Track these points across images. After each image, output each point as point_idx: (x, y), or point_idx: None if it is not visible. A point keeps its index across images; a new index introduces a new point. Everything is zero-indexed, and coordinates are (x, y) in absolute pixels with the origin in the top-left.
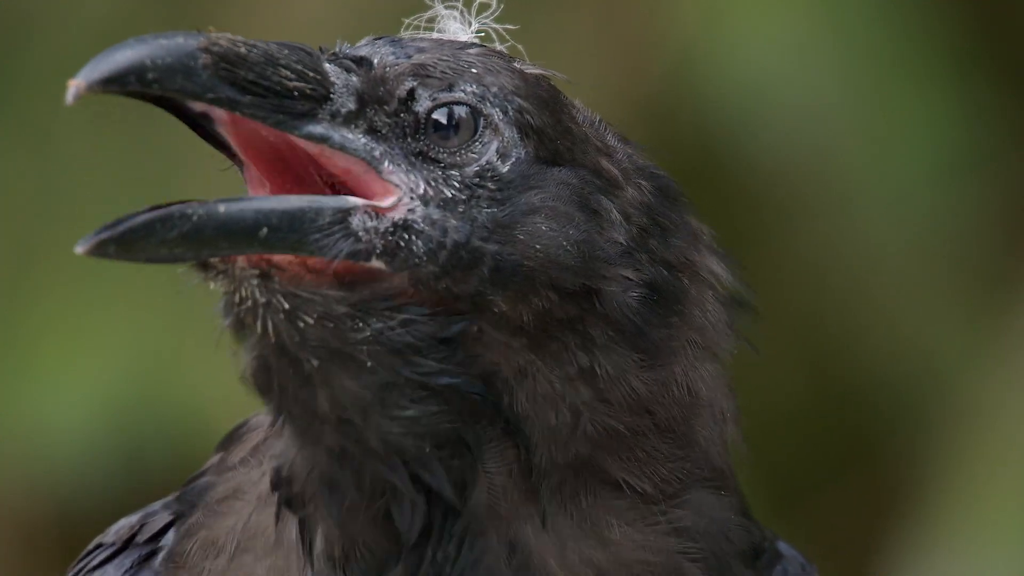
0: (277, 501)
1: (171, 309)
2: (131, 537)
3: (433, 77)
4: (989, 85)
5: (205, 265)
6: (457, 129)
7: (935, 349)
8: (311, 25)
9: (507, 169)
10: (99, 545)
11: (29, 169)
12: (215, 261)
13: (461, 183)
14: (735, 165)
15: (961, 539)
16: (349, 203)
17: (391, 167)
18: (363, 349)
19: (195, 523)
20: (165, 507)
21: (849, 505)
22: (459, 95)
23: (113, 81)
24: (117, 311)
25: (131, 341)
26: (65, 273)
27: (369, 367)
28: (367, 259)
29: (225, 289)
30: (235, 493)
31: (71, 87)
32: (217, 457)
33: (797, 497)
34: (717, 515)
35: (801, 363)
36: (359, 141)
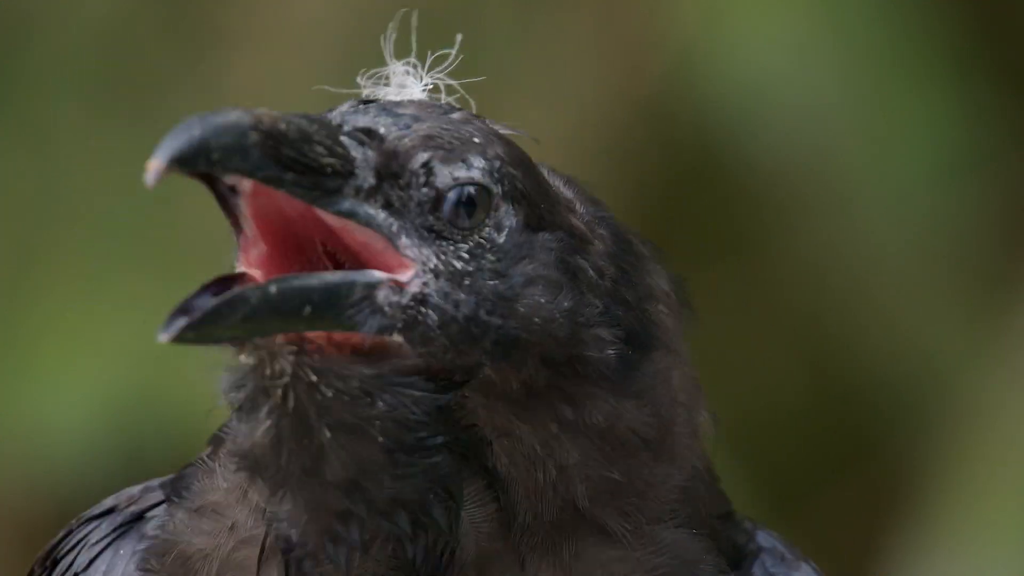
0: (283, 560)
1: (171, 309)
2: (128, 505)
3: (442, 149)
4: (989, 85)
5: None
6: (469, 206)
7: (935, 349)
8: (311, 25)
9: (503, 240)
10: (100, 504)
11: (29, 169)
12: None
13: (468, 255)
14: (735, 165)
15: (961, 539)
16: (375, 278)
17: (407, 241)
18: (375, 424)
19: (173, 530)
20: (161, 486)
21: (849, 505)
22: (474, 174)
23: (184, 163)
24: (117, 311)
25: (131, 341)
26: (65, 273)
27: (380, 441)
28: (390, 333)
29: (255, 362)
30: (213, 508)
31: (151, 170)
32: (207, 451)
33: (797, 497)
34: (691, 557)
35: (801, 363)
36: (380, 216)
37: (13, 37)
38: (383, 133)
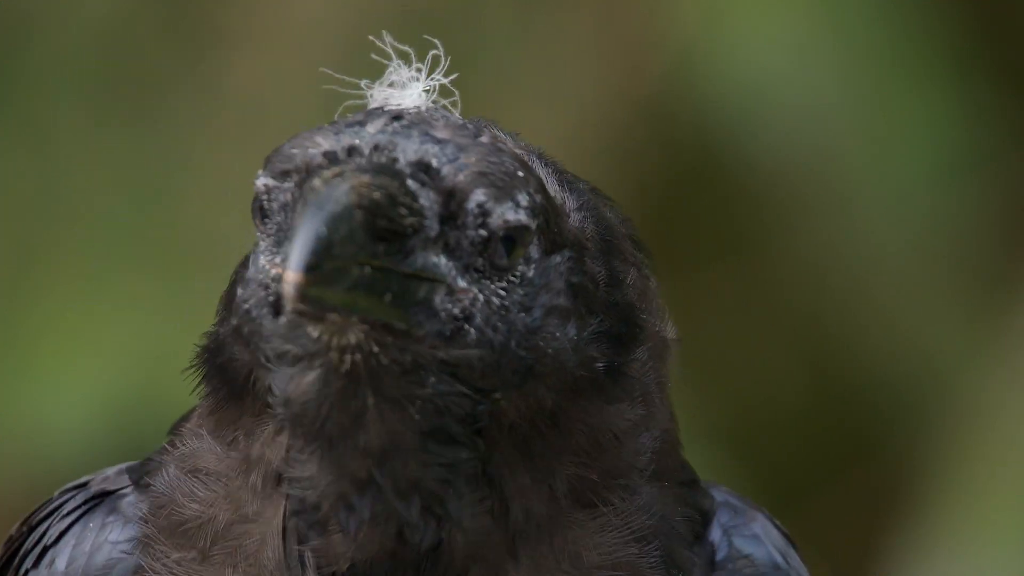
0: (292, 524)
1: (171, 309)
2: (102, 482)
3: (494, 187)
4: (989, 85)
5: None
6: (509, 245)
7: (935, 349)
8: (311, 25)
9: (532, 273)
10: (78, 480)
11: (29, 169)
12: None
13: (504, 292)
14: (735, 165)
15: (961, 539)
16: (438, 274)
17: (462, 284)
18: (417, 403)
19: (168, 486)
20: (128, 471)
21: (849, 505)
22: (521, 216)
23: (315, 269)
24: (117, 311)
25: (131, 341)
26: (65, 273)
27: (416, 420)
28: (440, 339)
29: (323, 332)
30: (207, 474)
31: (291, 286)
32: (167, 441)
33: (797, 497)
34: (665, 511)
35: (801, 363)
36: (441, 262)
37: (13, 37)
38: (436, 167)
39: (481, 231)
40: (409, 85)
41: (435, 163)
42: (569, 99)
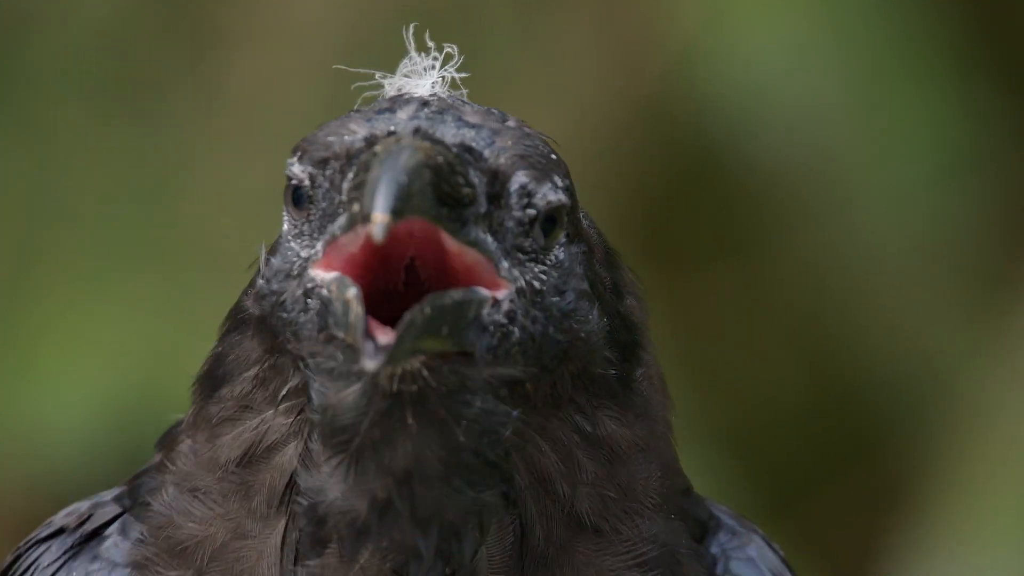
0: (292, 540)
1: (171, 309)
2: (79, 524)
3: (534, 169)
4: (989, 85)
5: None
6: (549, 226)
7: (935, 349)
8: (311, 25)
9: (563, 256)
10: (48, 524)
11: (29, 169)
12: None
13: (543, 274)
14: (735, 165)
15: (961, 539)
16: (484, 295)
17: (505, 264)
18: (463, 423)
19: (166, 505)
20: (116, 499)
21: (849, 505)
22: (561, 196)
23: (397, 214)
24: (117, 311)
25: (131, 341)
26: (65, 273)
27: (461, 441)
28: (493, 352)
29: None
30: (205, 492)
31: (379, 223)
32: (158, 457)
33: (797, 497)
34: (670, 540)
35: (801, 363)
36: (489, 239)
37: (13, 37)
38: (478, 149)
39: (529, 210)
40: (425, 75)
41: (476, 146)
42: (569, 99)
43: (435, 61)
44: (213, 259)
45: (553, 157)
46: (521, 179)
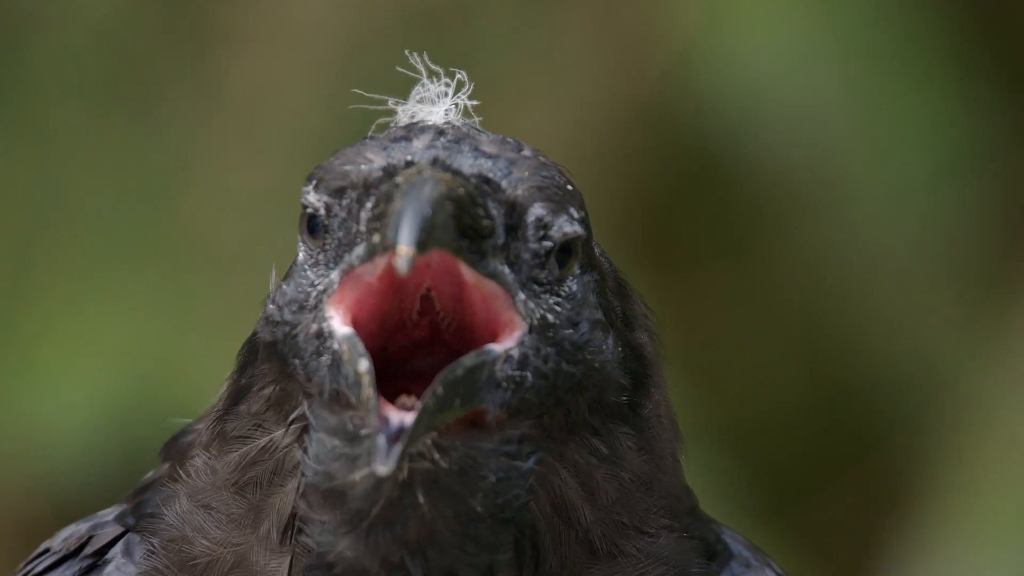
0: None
1: (171, 309)
2: (79, 548)
3: (551, 201)
4: (989, 85)
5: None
6: (568, 256)
7: (935, 349)
8: (311, 25)
9: (576, 287)
10: (46, 550)
11: (29, 169)
12: None
13: (557, 307)
14: (735, 165)
15: (961, 539)
16: (495, 353)
17: (522, 296)
18: (478, 495)
19: (178, 519)
20: (117, 519)
21: (849, 505)
22: (577, 228)
23: (422, 247)
24: (117, 311)
25: (131, 341)
26: (65, 273)
27: (478, 511)
28: (507, 406)
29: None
30: (218, 511)
31: (404, 256)
32: (166, 467)
33: (797, 497)
34: (684, 561)
35: (801, 363)
36: (506, 270)
37: (13, 37)
38: (496, 180)
39: (545, 242)
40: (438, 102)
41: (493, 176)
42: (569, 99)
43: (448, 88)
44: (213, 259)
45: (569, 188)
46: (538, 211)
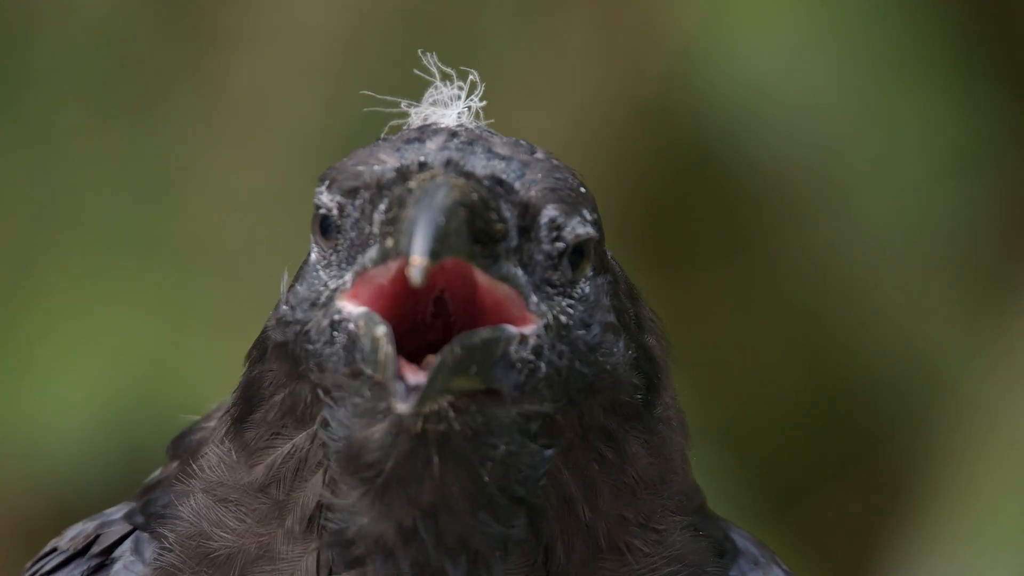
0: (326, 555)
1: (171, 309)
2: (86, 546)
3: (564, 203)
4: (989, 85)
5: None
6: (577, 259)
7: (935, 349)
8: (311, 25)
9: (589, 289)
10: (53, 549)
11: (29, 169)
12: None
13: (570, 308)
14: (735, 165)
15: (961, 539)
16: (511, 332)
17: (535, 297)
18: (488, 464)
19: (195, 514)
20: (126, 517)
21: (849, 505)
22: (590, 230)
23: (436, 256)
24: (117, 311)
25: (131, 341)
26: (65, 273)
27: (486, 481)
28: (522, 389)
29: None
30: (237, 504)
31: (418, 266)
32: (175, 465)
33: (797, 497)
34: (697, 560)
35: (801, 363)
36: (519, 273)
37: (13, 37)
38: (509, 182)
39: (558, 244)
40: (451, 104)
41: (506, 178)
42: (569, 99)
43: (460, 91)
44: (213, 259)
45: (582, 191)
46: (551, 212)
